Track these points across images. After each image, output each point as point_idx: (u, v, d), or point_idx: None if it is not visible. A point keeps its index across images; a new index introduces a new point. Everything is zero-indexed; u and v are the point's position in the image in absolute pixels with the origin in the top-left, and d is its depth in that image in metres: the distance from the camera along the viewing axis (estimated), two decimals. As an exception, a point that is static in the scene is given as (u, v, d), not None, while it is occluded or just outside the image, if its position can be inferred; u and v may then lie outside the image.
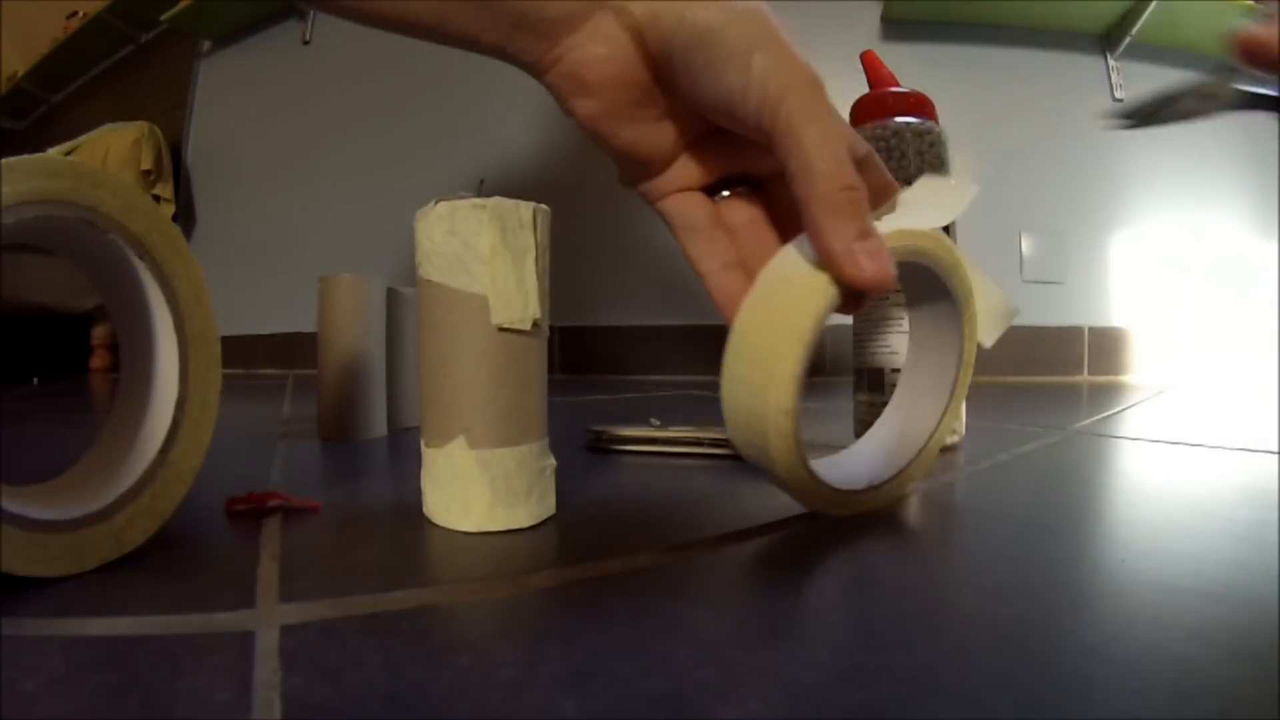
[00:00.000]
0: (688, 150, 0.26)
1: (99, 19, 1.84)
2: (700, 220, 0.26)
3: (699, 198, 0.26)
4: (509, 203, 0.26)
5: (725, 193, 0.27)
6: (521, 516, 0.27)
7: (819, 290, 0.23)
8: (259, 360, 1.63)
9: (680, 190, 0.26)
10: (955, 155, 0.26)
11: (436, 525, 0.27)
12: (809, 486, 0.27)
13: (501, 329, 0.26)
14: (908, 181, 0.45)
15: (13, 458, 0.43)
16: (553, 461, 0.29)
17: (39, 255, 1.33)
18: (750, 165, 0.26)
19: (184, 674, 0.15)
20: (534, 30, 0.24)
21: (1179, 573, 0.21)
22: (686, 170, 0.26)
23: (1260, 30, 0.27)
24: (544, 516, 0.28)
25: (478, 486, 0.26)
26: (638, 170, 0.26)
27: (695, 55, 0.22)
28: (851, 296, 0.23)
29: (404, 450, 0.45)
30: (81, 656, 0.16)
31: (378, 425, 0.51)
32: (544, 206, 0.28)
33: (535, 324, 0.27)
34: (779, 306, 0.24)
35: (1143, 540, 0.25)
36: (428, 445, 0.28)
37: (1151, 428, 0.57)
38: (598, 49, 0.23)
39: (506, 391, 0.27)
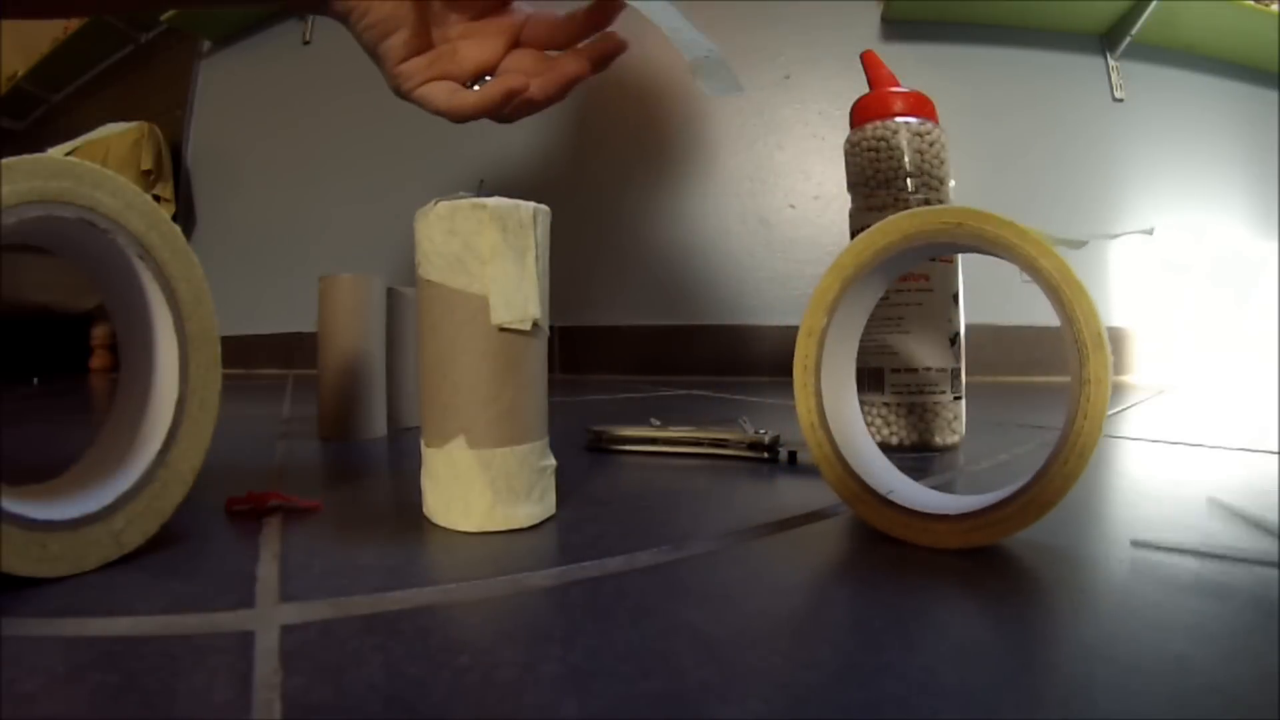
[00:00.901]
0: (433, 49, 0.32)
1: (99, 19, 1.84)
2: (447, 94, 0.32)
3: (447, 83, 0.33)
4: (509, 203, 0.26)
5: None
6: (522, 516, 0.27)
7: (865, 236, 0.27)
8: (259, 360, 1.63)
9: (432, 80, 0.32)
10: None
11: (436, 525, 0.27)
12: (826, 450, 0.27)
13: (501, 329, 0.26)
14: (906, 180, 0.45)
15: (13, 458, 0.43)
16: (553, 461, 0.29)
17: (39, 255, 1.33)
18: (488, 58, 0.33)
19: (184, 674, 0.15)
20: None
21: (1179, 573, 0.21)
22: (433, 66, 0.32)
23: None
24: (544, 516, 0.28)
25: (478, 486, 0.26)
26: (400, 41, 0.31)
27: None
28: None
29: (404, 450, 0.45)
30: (81, 656, 0.16)
31: (378, 425, 0.51)
32: (544, 206, 0.28)
33: (535, 324, 0.27)
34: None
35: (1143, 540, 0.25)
36: (428, 445, 0.28)
37: (1151, 428, 0.57)
38: None
39: (507, 391, 0.27)
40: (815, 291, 0.28)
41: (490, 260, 0.26)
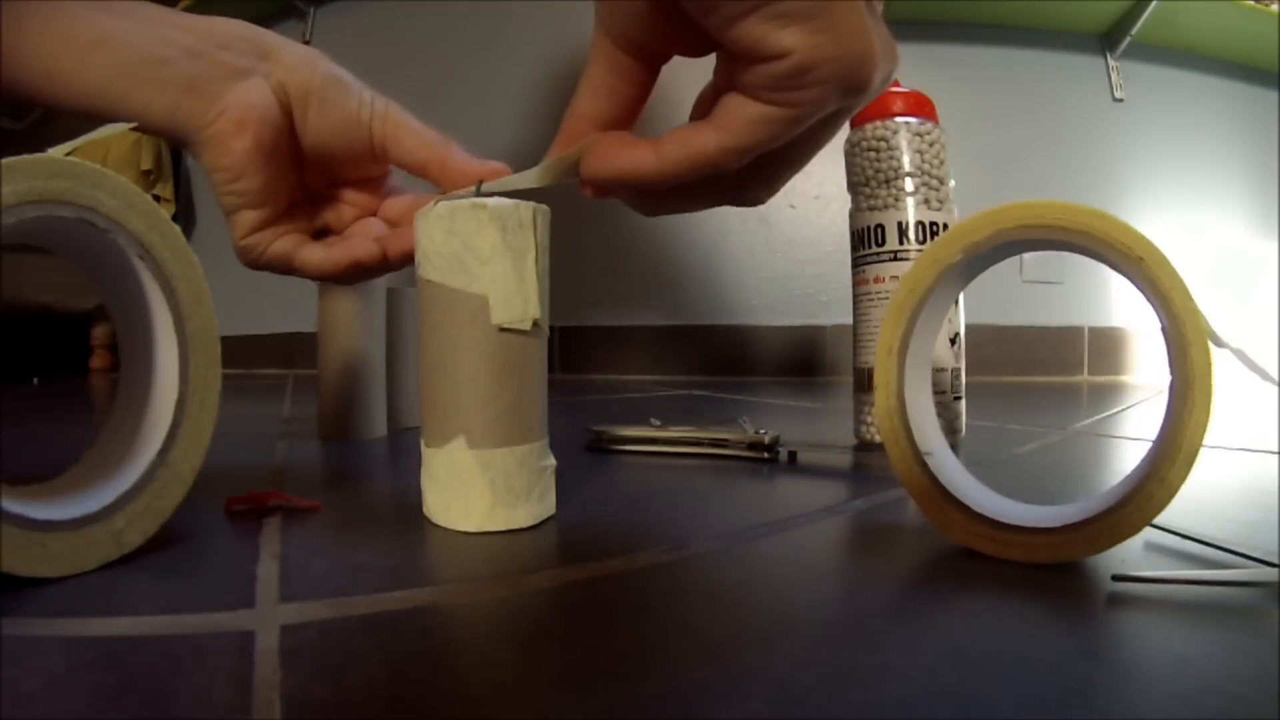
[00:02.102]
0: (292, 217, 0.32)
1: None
2: (292, 245, 0.32)
3: (293, 236, 0.32)
4: (509, 203, 0.26)
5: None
6: (521, 516, 0.27)
7: (1006, 210, 0.24)
8: (259, 360, 1.63)
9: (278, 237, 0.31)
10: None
11: (436, 525, 0.27)
12: (908, 461, 0.25)
13: (501, 329, 0.26)
14: (906, 180, 0.45)
15: (13, 458, 0.43)
16: (553, 461, 0.29)
17: (39, 255, 1.33)
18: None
19: (184, 674, 0.15)
20: (203, 92, 0.27)
21: (1179, 572, 0.21)
22: (276, 230, 0.31)
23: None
24: (544, 516, 0.28)
25: (478, 486, 0.26)
26: (258, 216, 0.30)
27: (328, 89, 0.29)
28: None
29: (404, 450, 0.45)
30: (81, 656, 0.16)
31: (378, 425, 0.51)
32: (544, 206, 0.28)
33: (535, 324, 0.27)
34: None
35: (1142, 540, 0.25)
36: (428, 445, 0.28)
37: (1151, 428, 0.57)
38: (253, 98, 0.28)
39: (506, 391, 0.27)
40: (927, 251, 0.25)
41: (490, 260, 0.26)
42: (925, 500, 0.25)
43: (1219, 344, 0.21)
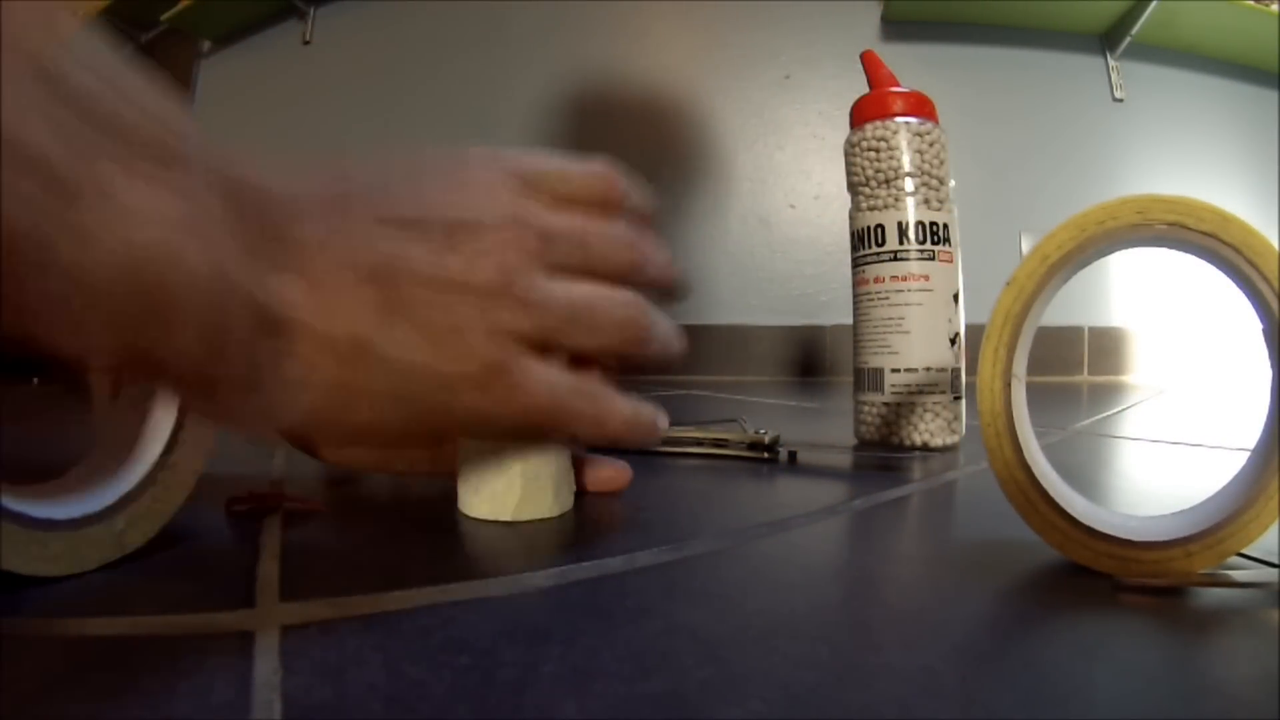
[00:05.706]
0: None
1: (99, 19, 1.84)
2: None
3: None
4: None
5: None
6: (550, 506, 0.28)
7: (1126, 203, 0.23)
8: (259, 360, 1.63)
9: None
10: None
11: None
12: (1022, 484, 0.23)
13: None
14: (905, 180, 0.45)
15: (13, 457, 0.43)
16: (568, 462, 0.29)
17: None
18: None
19: (184, 674, 0.15)
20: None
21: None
22: None
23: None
24: (566, 509, 0.29)
25: (507, 478, 0.27)
26: None
27: None
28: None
29: (404, 450, 0.45)
30: (81, 656, 0.16)
31: (378, 425, 0.51)
32: None
33: None
34: None
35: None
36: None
37: (1151, 428, 0.57)
38: None
39: None
40: (1038, 246, 0.23)
41: None
42: (1032, 514, 0.23)
43: None
